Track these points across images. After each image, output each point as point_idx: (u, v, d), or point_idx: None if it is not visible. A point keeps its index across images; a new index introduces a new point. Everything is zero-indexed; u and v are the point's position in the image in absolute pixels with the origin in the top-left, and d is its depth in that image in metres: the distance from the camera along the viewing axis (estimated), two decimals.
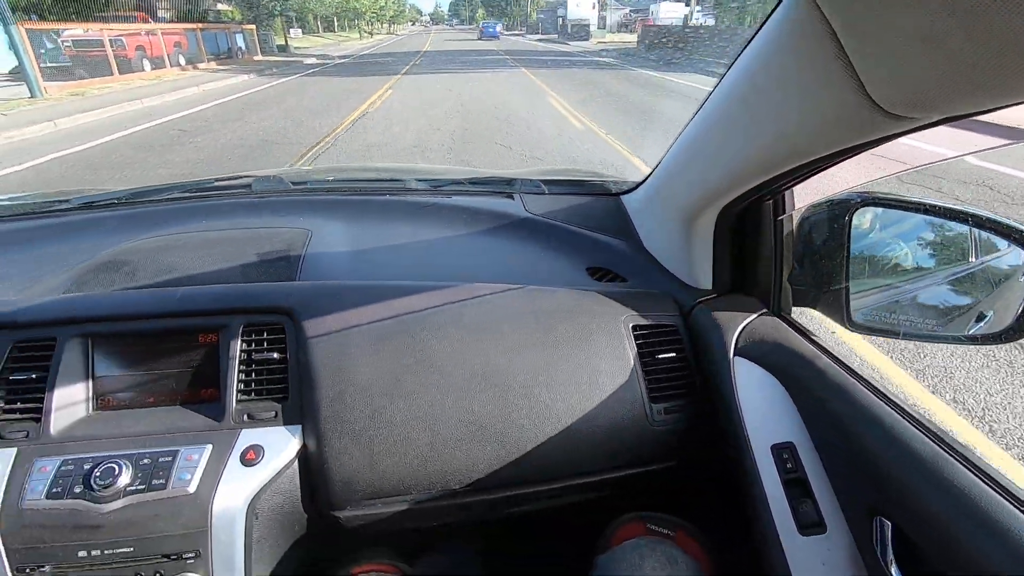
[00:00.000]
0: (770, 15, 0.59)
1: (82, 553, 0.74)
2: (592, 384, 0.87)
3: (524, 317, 0.91)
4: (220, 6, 27.68)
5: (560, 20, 48.66)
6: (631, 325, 0.93)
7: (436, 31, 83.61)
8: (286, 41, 28.12)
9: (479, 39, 45.84)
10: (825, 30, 0.50)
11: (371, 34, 55.87)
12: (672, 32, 24.62)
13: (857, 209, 0.79)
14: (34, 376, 0.81)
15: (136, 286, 0.95)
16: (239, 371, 0.84)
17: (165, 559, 0.75)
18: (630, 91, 11.67)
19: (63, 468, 0.75)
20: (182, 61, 16.50)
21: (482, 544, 1.17)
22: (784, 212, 0.88)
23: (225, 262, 1.01)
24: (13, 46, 10.14)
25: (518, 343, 0.88)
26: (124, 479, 0.74)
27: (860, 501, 0.68)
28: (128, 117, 9.10)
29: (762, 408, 0.80)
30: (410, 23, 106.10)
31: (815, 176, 0.73)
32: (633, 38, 34.44)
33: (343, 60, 22.11)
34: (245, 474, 0.77)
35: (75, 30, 13.09)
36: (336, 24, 52.39)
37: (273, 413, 0.82)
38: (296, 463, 0.81)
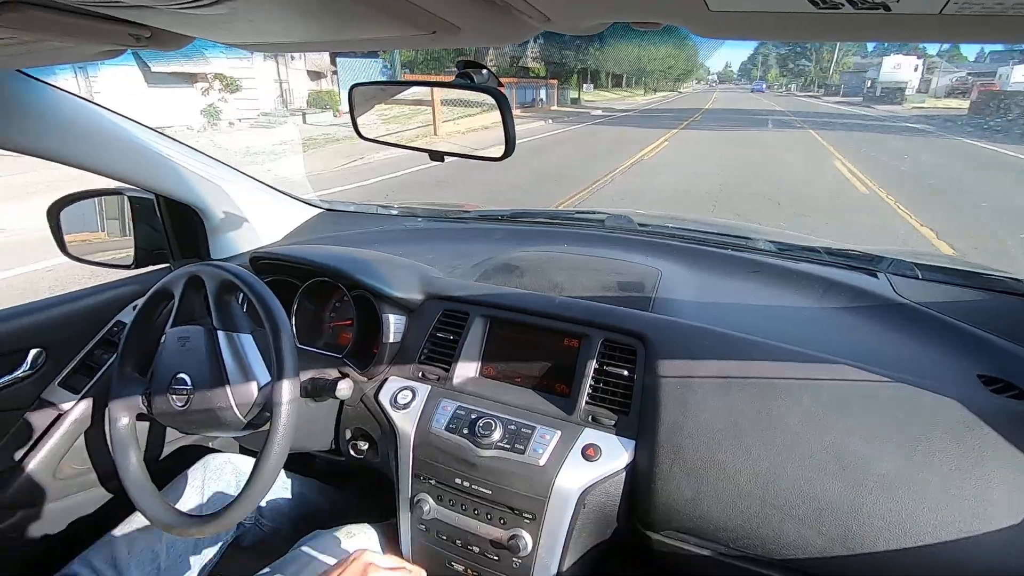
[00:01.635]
0: None
1: (457, 480, 0.92)
2: (978, 513, 0.72)
3: (894, 410, 0.81)
4: (532, 64, 32.78)
5: (868, 82, 43.66)
6: None
7: (722, 90, 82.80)
8: (579, 95, 31.58)
9: (751, 92, 55.68)
10: None
11: (655, 91, 58.63)
12: (1017, 97, 20.20)
13: None
14: (451, 337, 1.04)
15: (524, 287, 1.12)
16: (592, 377, 0.93)
17: (509, 511, 0.89)
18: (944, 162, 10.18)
19: (458, 412, 0.95)
20: None
21: None
22: None
23: (590, 282, 1.13)
24: None
25: (885, 435, 0.78)
26: (496, 435, 0.90)
27: None
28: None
29: None
30: (696, 82, 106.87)
31: None
32: (962, 104, 28.93)
33: (625, 112, 24.00)
34: (584, 466, 0.86)
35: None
36: (624, 81, 56.66)
37: (613, 422, 0.90)
38: (625, 474, 0.87)
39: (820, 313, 1.10)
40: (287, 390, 0.80)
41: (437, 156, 0.88)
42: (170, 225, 1.35)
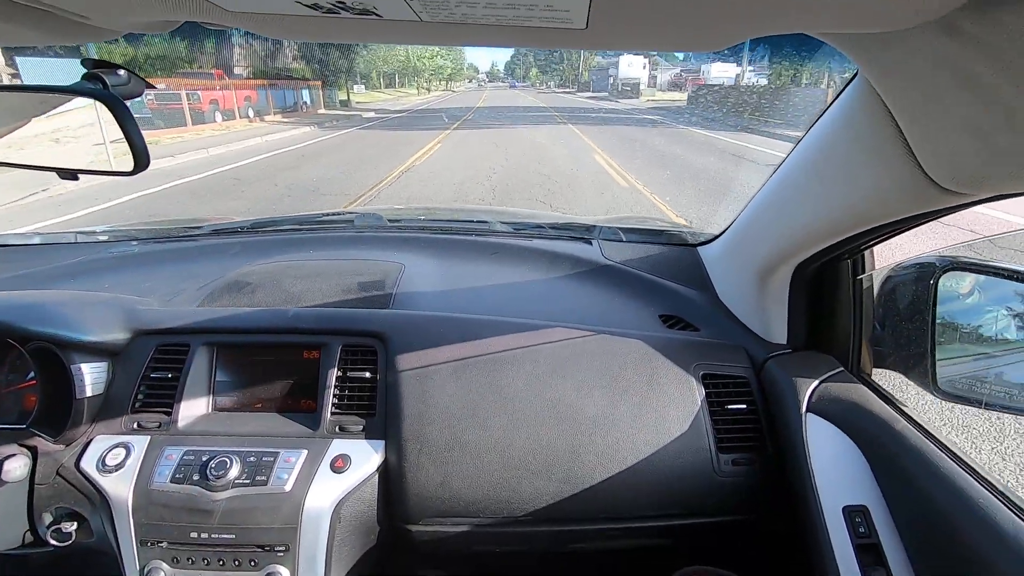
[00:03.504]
0: (837, 96, 0.66)
1: (193, 534, 0.83)
2: (659, 428, 0.90)
3: (596, 359, 0.95)
4: (292, 64, 29.94)
5: (611, 79, 50.01)
6: (701, 374, 0.96)
7: (491, 88, 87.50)
8: (348, 96, 29.81)
9: (509, 88, 59.02)
10: (884, 112, 0.56)
11: (428, 91, 59.01)
12: (722, 91, 24.74)
13: (944, 273, 0.77)
14: (169, 375, 0.94)
15: (255, 304, 1.05)
16: (335, 387, 0.93)
17: (259, 549, 0.84)
18: (679, 151, 11.54)
19: (185, 457, 0.87)
20: (251, 114, 17.70)
21: None
22: (864, 272, 0.89)
23: (329, 288, 1.09)
24: None
25: (589, 383, 0.92)
26: (233, 472, 0.84)
27: (937, 573, 0.66)
28: (191, 165, 9.63)
29: (835, 468, 0.79)
30: (467, 80, 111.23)
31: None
32: (683, 96, 34.82)
33: (399, 114, 23.18)
34: (333, 480, 0.85)
35: (159, 85, 14.28)
36: (397, 81, 55.85)
37: (361, 427, 0.90)
38: (377, 475, 0.88)
39: (546, 284, 1.23)
40: None
41: (68, 174, 0.76)
42: None
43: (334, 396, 0.93)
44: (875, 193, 0.63)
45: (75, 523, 0.93)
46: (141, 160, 0.67)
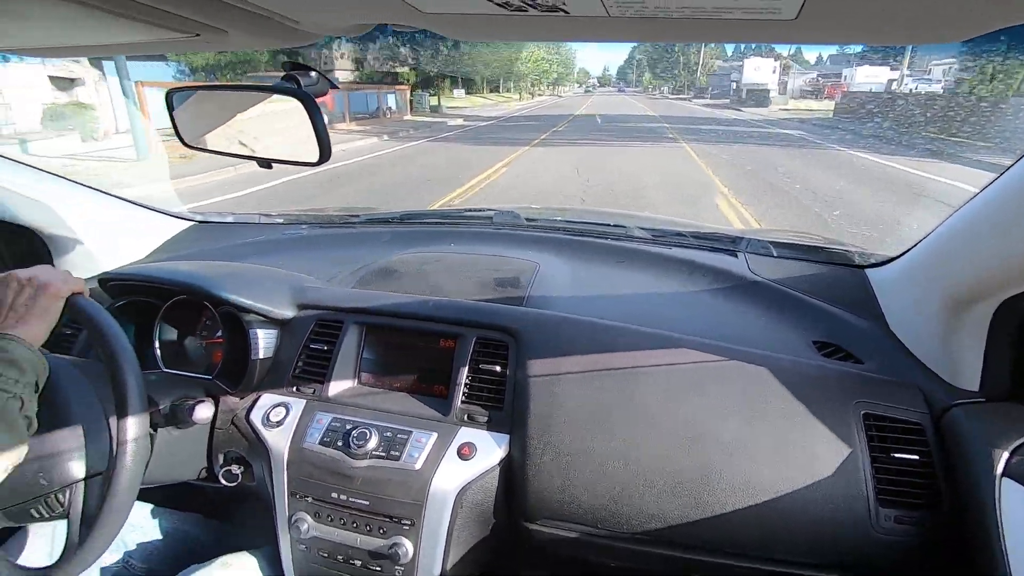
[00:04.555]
0: None
1: (334, 495, 0.91)
2: (805, 467, 0.81)
3: (738, 381, 0.89)
4: (387, 66, 29.03)
5: (733, 84, 44.61)
6: (863, 413, 0.84)
7: (599, 93, 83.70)
8: (439, 101, 28.20)
9: (617, 93, 59.43)
10: None
11: (532, 95, 56.66)
12: (881, 100, 19.75)
13: None
14: (325, 348, 1.03)
15: (401, 291, 1.11)
16: (466, 377, 0.96)
17: (388, 519, 0.89)
18: (850, 188, 7.87)
19: (333, 424, 0.94)
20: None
21: None
22: None
23: (468, 281, 1.14)
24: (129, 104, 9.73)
25: (728, 406, 0.86)
26: (372, 444, 0.90)
27: None
28: (191, 191, 7.75)
29: None
30: (578, 85, 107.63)
31: None
32: (822, 106, 29.34)
33: (488, 122, 20.91)
34: (459, 466, 0.88)
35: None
36: (502, 85, 54.28)
37: (487, 418, 0.92)
38: (499, 468, 0.89)
39: (685, 295, 1.16)
40: (132, 427, 0.75)
41: (264, 163, 0.82)
42: (5, 251, 1.29)
43: (465, 386, 0.95)
44: None
45: (242, 467, 1.02)
46: (325, 153, 0.73)
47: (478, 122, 20.81)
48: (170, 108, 0.86)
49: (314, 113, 0.69)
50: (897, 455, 0.81)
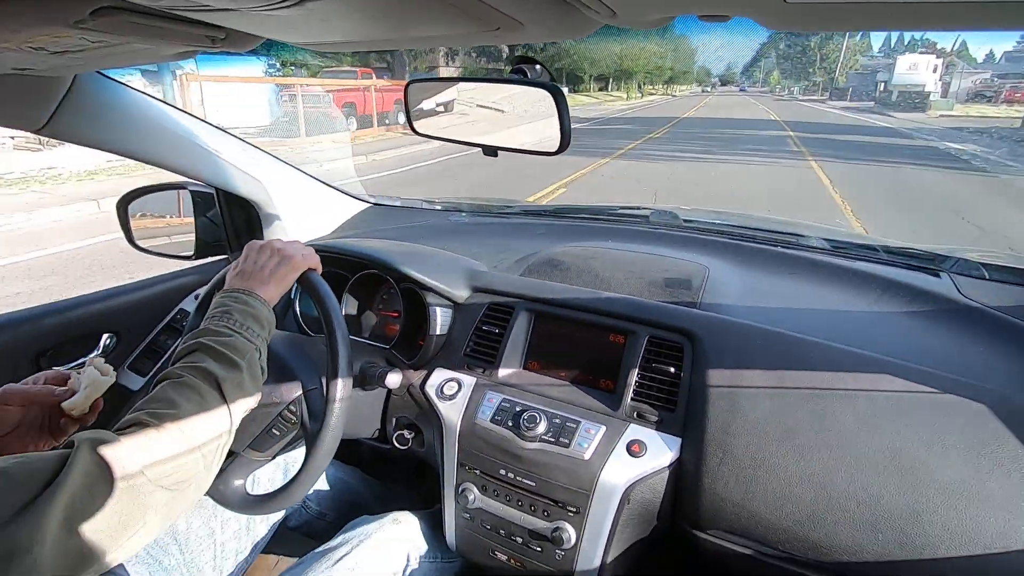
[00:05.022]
0: None
1: (501, 471, 0.93)
2: None
3: (958, 415, 0.78)
4: (478, 63, 27.83)
5: (880, 85, 38.30)
6: None
7: (718, 93, 77.18)
8: None
9: (739, 93, 56.89)
10: None
11: (642, 95, 52.73)
12: None
13: None
14: (496, 331, 1.05)
15: (568, 282, 1.10)
16: (638, 374, 0.93)
17: (553, 503, 0.90)
18: None
19: (503, 404, 0.96)
20: (401, 120, 15.10)
21: None
22: None
23: (636, 278, 1.09)
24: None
25: (945, 440, 0.75)
26: (541, 428, 0.90)
27: None
28: None
29: None
30: (696, 84, 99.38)
31: None
32: (1001, 112, 23.62)
33: (582, 123, 18.82)
34: (629, 462, 0.86)
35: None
36: (611, 84, 51.27)
37: (658, 418, 0.89)
38: (669, 471, 0.86)
39: (878, 314, 1.06)
40: (341, 388, 0.82)
41: (491, 151, 0.86)
42: (228, 218, 1.41)
43: (636, 383, 0.93)
44: None
45: (413, 433, 1.09)
46: (565, 142, 0.75)
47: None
48: (406, 100, 0.93)
49: (561, 104, 0.73)
50: None
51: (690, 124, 19.53)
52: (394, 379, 0.98)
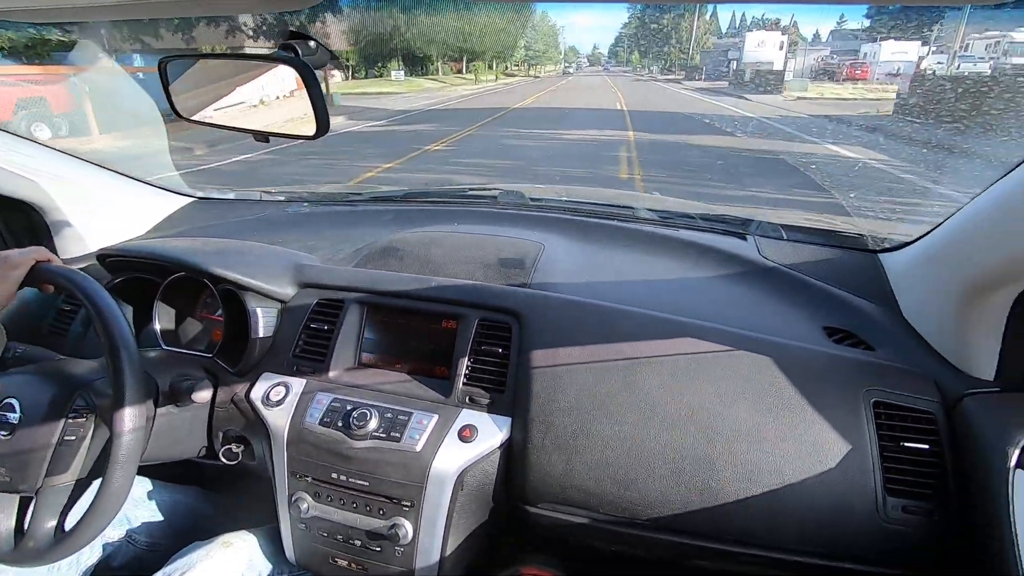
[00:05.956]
0: None
1: (333, 475, 0.91)
2: (812, 455, 0.80)
3: (745, 367, 0.87)
4: (336, 46, 22.00)
5: (732, 63, 36.99)
6: (873, 401, 0.84)
7: (583, 73, 74.92)
8: (328, 90, 20.86)
9: (602, 72, 56.05)
10: None
11: (496, 78, 47.90)
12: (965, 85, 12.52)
13: None
14: (325, 328, 1.01)
15: (403, 270, 1.09)
16: (468, 358, 0.94)
17: (387, 500, 0.89)
18: None
19: (333, 404, 0.94)
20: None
21: None
22: None
23: (470, 261, 1.10)
24: None
25: (734, 392, 0.85)
26: (372, 425, 0.89)
27: None
28: None
29: None
30: (566, 63, 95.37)
31: None
32: (853, 93, 22.03)
33: (380, 123, 13.69)
34: (460, 448, 0.87)
35: None
36: (466, 66, 46.02)
37: (489, 400, 0.91)
38: (501, 451, 0.89)
39: (693, 279, 1.14)
40: (128, 419, 0.76)
41: (261, 137, 0.81)
42: (2, 226, 1.29)
43: (467, 367, 0.94)
44: None
45: (242, 446, 1.03)
46: (322, 126, 0.72)
47: (365, 121, 13.75)
48: (164, 78, 0.83)
49: (312, 84, 0.68)
50: (907, 444, 0.80)
51: (522, 116, 15.19)
52: (202, 393, 0.93)
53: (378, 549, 0.91)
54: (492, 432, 0.88)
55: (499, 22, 38.91)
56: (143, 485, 1.15)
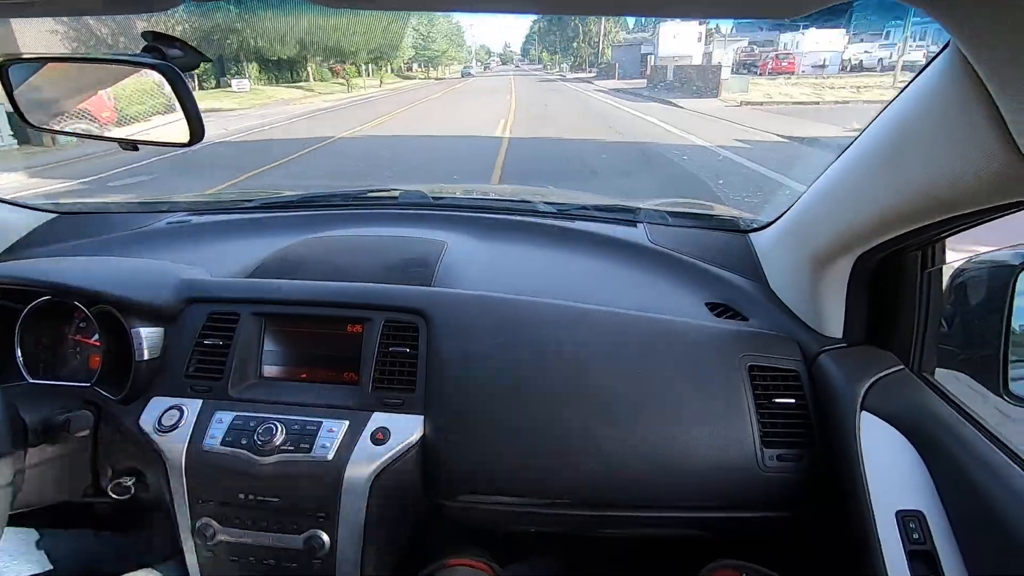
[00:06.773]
0: (922, 70, 0.61)
1: (241, 496, 0.87)
2: (701, 419, 0.88)
3: (639, 346, 0.94)
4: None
5: (650, 60, 32.68)
6: (748, 365, 0.93)
7: (491, 74, 69.32)
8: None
9: (513, 70, 54.23)
10: (978, 87, 0.51)
11: (380, 83, 40.57)
12: None
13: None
14: (220, 343, 0.96)
15: (302, 277, 1.05)
16: (377, 361, 0.93)
17: (301, 514, 0.87)
18: None
19: (235, 422, 0.90)
20: None
21: (574, 563, 1.17)
22: (932, 265, 0.84)
23: (374, 263, 1.09)
24: None
25: (631, 369, 0.91)
26: (279, 439, 0.86)
27: None
28: None
29: (889, 470, 0.76)
30: (465, 65, 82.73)
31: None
32: (805, 95, 17.69)
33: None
34: (373, 452, 0.86)
35: None
36: (360, 69, 39.11)
37: (401, 401, 0.91)
38: (415, 450, 0.88)
39: (590, 267, 1.19)
40: None
41: (128, 145, 0.78)
42: None
43: (376, 370, 0.93)
44: (960, 178, 0.57)
45: (134, 478, 0.97)
46: (196, 132, 0.68)
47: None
48: (7, 83, 0.77)
49: (181, 88, 0.65)
50: (777, 400, 0.90)
51: (323, 160, 9.45)
52: (81, 425, 0.89)
53: (294, 565, 0.90)
54: (406, 432, 0.88)
55: (380, 20, 32.54)
56: (27, 535, 1.10)
